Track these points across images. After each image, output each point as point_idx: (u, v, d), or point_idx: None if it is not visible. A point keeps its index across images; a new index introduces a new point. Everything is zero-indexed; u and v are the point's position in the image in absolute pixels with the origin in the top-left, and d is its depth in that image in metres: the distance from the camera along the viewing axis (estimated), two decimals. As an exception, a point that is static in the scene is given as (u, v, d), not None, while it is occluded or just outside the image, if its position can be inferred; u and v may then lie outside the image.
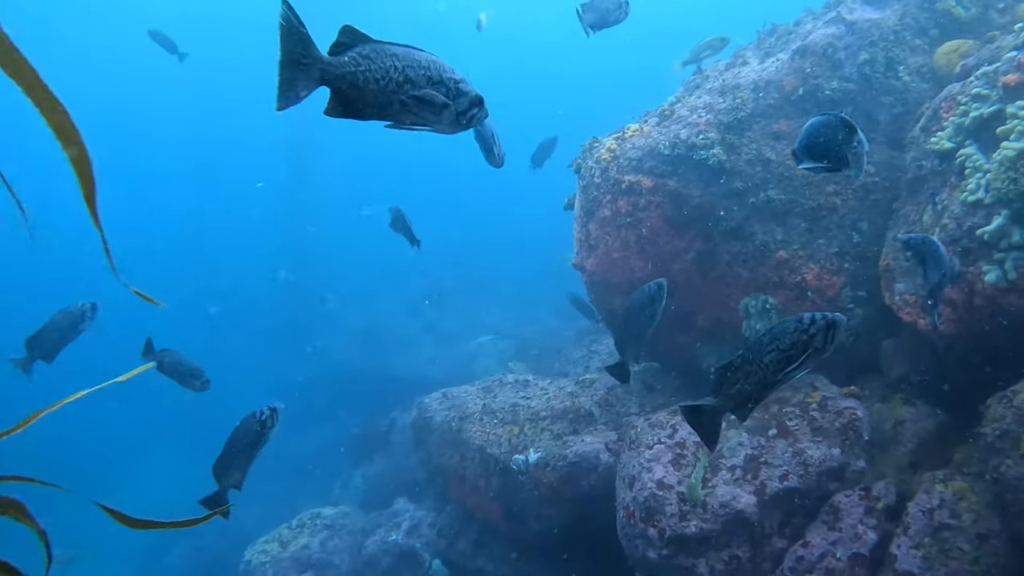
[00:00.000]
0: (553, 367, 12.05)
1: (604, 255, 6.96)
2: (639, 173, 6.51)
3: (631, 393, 7.64)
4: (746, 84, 6.61)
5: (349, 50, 2.37)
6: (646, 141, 6.57)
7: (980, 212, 5.15)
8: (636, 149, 6.60)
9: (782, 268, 6.43)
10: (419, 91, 2.45)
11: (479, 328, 16.62)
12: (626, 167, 6.60)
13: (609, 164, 6.73)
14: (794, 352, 3.32)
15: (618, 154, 6.71)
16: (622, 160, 6.65)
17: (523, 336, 14.86)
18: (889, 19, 6.74)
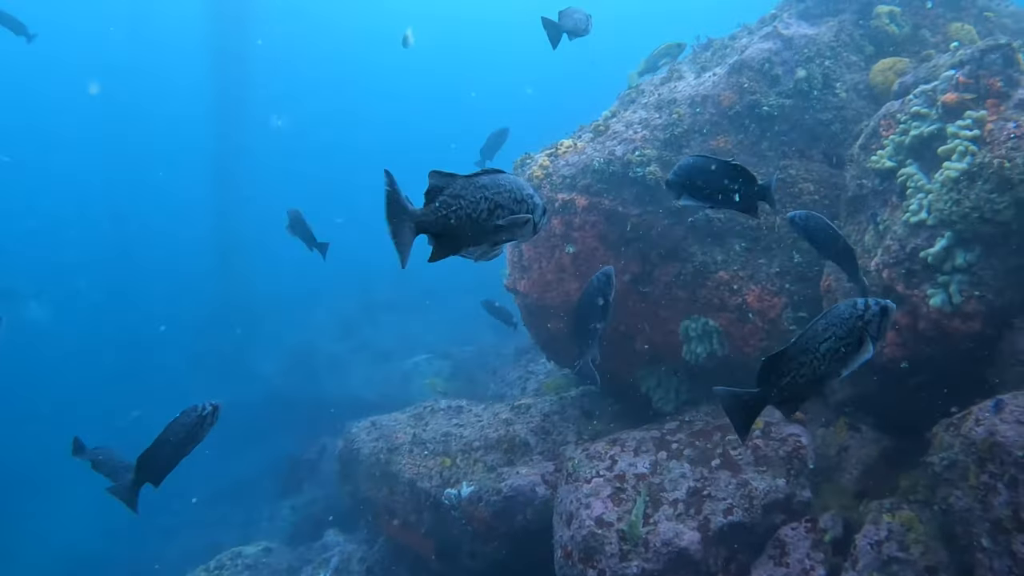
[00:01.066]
0: (489, 388, 11.70)
1: (538, 277, 6.65)
2: (573, 191, 6.23)
3: (568, 420, 7.33)
4: (683, 99, 6.39)
5: (441, 194, 2.60)
6: (580, 158, 6.29)
7: (923, 234, 4.99)
8: (570, 166, 6.32)
9: (723, 289, 6.21)
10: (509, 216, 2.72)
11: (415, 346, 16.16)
12: (559, 185, 6.31)
13: (542, 182, 6.43)
14: (850, 340, 3.08)
15: (551, 171, 6.42)
16: (555, 178, 6.36)
17: (460, 355, 14.46)
18: (825, 35, 6.61)
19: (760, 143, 6.29)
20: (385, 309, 17.86)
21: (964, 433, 4.65)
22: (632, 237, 6.13)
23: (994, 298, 4.81)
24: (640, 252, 6.19)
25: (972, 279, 4.81)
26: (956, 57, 5.30)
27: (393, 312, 17.75)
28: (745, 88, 6.33)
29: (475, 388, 12.07)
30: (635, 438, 6.28)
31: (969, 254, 4.80)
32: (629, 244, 6.16)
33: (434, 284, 18.66)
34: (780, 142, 6.32)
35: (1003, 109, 4.85)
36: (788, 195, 6.31)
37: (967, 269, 4.82)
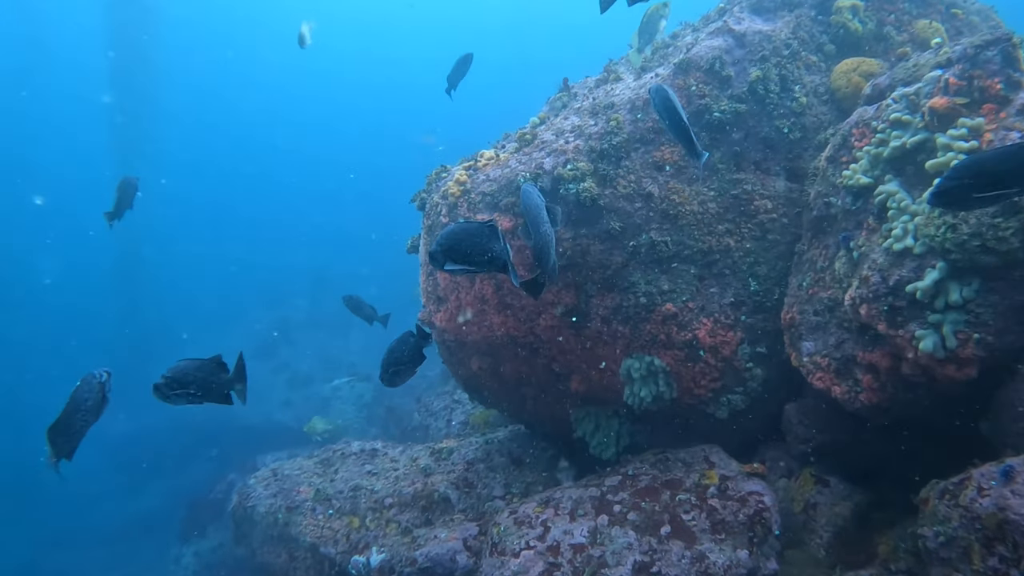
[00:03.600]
0: (413, 418, 10.66)
1: (456, 309, 5.67)
2: (494, 211, 5.26)
3: (495, 469, 6.36)
4: (621, 103, 5.50)
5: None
6: (502, 172, 5.33)
7: (909, 263, 4.17)
8: (490, 181, 5.35)
9: (669, 324, 5.33)
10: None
11: (337, 367, 15.06)
12: (478, 203, 5.34)
13: (458, 200, 5.45)
14: None
15: (469, 188, 5.45)
16: (474, 195, 5.39)
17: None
18: (781, 32, 5.79)
19: (711, 154, 5.44)
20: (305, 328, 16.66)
21: (965, 504, 3.85)
22: (564, 264, 5.20)
23: (994, 340, 4.02)
24: (574, 282, 5.26)
25: (969, 318, 4.02)
26: (942, 54, 4.51)
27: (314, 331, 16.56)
28: (693, 91, 5.47)
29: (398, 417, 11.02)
30: (571, 498, 5.36)
31: (966, 289, 4.00)
32: (561, 272, 5.23)
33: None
34: (733, 153, 5.48)
35: (1003, 116, 4.07)
36: (743, 213, 5.47)
37: (963, 307, 4.02)
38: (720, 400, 5.51)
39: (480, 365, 5.84)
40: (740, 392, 5.50)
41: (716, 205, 5.41)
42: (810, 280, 5.12)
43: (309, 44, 7.92)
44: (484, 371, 5.89)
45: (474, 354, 5.82)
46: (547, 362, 5.72)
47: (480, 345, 5.70)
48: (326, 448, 7.52)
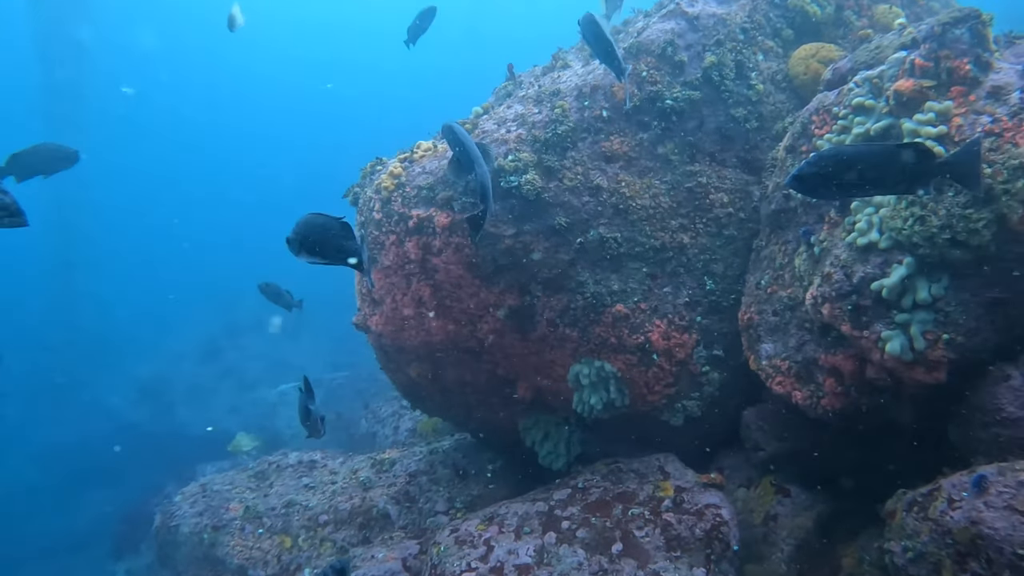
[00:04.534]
0: (360, 425, 10.20)
1: (393, 313, 5.26)
2: (431, 206, 4.86)
3: (438, 482, 5.96)
4: (568, 90, 5.13)
5: None
6: (440, 164, 4.92)
7: (874, 259, 3.86)
8: (427, 174, 4.94)
9: (620, 326, 4.97)
10: None
11: (286, 371, 14.50)
12: (414, 198, 4.93)
13: (392, 194, 5.03)
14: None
15: (404, 181, 5.03)
16: (408, 189, 4.97)
17: (332, 382, 12.86)
18: (737, 15, 5.47)
19: (663, 144, 5.10)
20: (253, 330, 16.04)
21: (935, 518, 3.56)
22: (507, 263, 4.81)
23: (965, 341, 3.73)
24: (518, 282, 4.88)
25: (939, 317, 3.72)
26: (907, 35, 4.21)
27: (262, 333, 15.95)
28: (644, 77, 5.12)
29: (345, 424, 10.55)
30: (517, 513, 4.98)
31: (935, 286, 3.70)
32: (504, 272, 4.85)
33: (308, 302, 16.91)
34: (687, 143, 5.14)
35: (973, 99, 3.77)
36: (698, 208, 5.14)
37: (932, 305, 3.72)
38: (675, 407, 5.17)
39: (420, 372, 5.44)
40: (696, 398, 5.17)
41: (669, 199, 5.07)
42: (769, 278, 4.80)
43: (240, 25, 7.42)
44: (424, 378, 5.48)
45: (413, 360, 5.41)
46: (491, 368, 5.33)
47: (419, 350, 5.29)
48: (261, 460, 7.04)
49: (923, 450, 4.41)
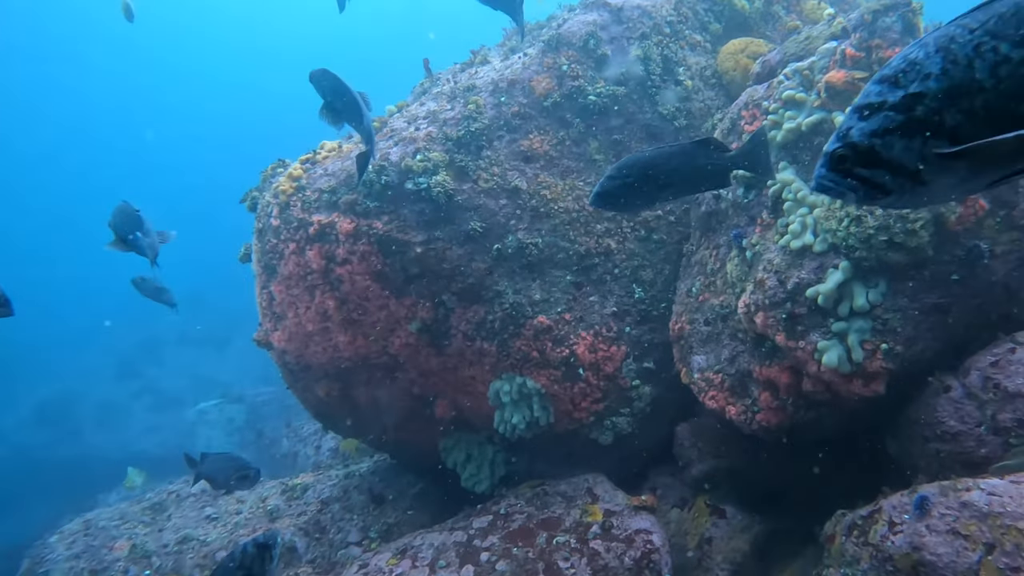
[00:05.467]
0: (282, 444, 9.66)
1: (296, 327, 4.81)
2: (333, 211, 4.43)
3: (352, 509, 5.52)
4: (483, 86, 4.77)
5: None
6: (343, 165, 4.50)
7: (808, 263, 3.58)
8: (329, 176, 4.52)
9: (543, 339, 4.62)
10: None
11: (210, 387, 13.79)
12: (314, 203, 4.49)
13: (291, 199, 4.59)
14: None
15: (304, 184, 4.60)
16: (309, 193, 4.54)
17: (256, 398, 12.23)
18: (663, 7, 5.19)
19: (586, 142, 4.77)
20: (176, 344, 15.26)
21: (875, 543, 3.31)
22: (418, 272, 4.41)
23: (904, 350, 3.47)
24: (430, 292, 4.48)
25: (877, 326, 3.46)
26: (837, 25, 3.96)
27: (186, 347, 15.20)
28: (565, 71, 4.79)
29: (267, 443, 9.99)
30: (433, 545, 4.57)
31: (873, 292, 3.44)
32: (414, 282, 4.45)
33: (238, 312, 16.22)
34: (612, 141, 4.83)
35: (908, 91, 3.53)
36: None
37: (870, 312, 3.45)
38: (604, 424, 4.84)
39: (329, 391, 5.00)
40: (626, 414, 4.84)
41: (594, 201, 4.74)
42: (700, 285, 4.51)
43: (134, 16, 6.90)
44: (334, 397, 5.04)
45: (321, 378, 4.97)
46: (407, 385, 4.93)
47: (326, 368, 4.86)
48: (161, 490, 6.45)
49: (863, 465, 4.17)
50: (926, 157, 1.46)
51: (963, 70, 1.41)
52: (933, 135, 1.44)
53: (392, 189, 4.28)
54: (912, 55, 1.48)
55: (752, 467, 4.60)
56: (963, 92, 1.41)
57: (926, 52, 1.47)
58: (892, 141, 1.49)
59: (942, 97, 1.43)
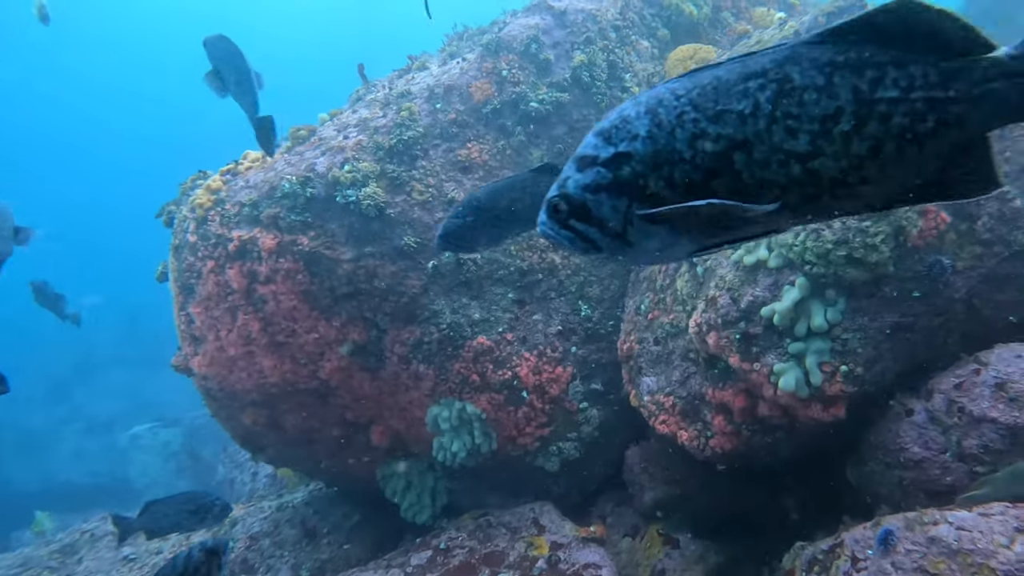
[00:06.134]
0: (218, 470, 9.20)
1: (217, 351, 4.45)
2: (254, 226, 4.09)
3: (283, 545, 5.15)
4: (419, 92, 4.48)
5: None
6: (266, 176, 4.17)
7: (763, 280, 3.36)
8: (250, 188, 4.18)
9: (483, 361, 4.33)
10: None
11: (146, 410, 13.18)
12: (234, 217, 4.15)
13: (209, 213, 4.24)
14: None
15: (223, 197, 4.25)
16: (229, 206, 4.19)
17: (193, 421, 11.68)
18: (608, 11, 4.97)
19: (528, 152, 4.50)
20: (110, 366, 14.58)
21: (838, 578, 3.07)
22: (348, 291, 4.09)
23: (864, 372, 3.26)
24: (361, 313, 4.16)
25: (836, 346, 3.24)
26: (788, 28, 3.77)
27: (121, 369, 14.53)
28: (505, 77, 4.53)
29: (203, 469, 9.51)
30: (367, 584, 4.25)
31: (831, 310, 3.22)
32: (344, 302, 4.13)
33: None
34: (556, 151, 4.57)
35: (864, 97, 3.34)
36: (570, 224, 4.57)
37: (828, 332, 3.23)
38: (550, 449, 4.57)
39: (255, 419, 4.64)
40: (573, 438, 4.58)
41: (537, 214, 4.48)
42: (649, 302, 4.26)
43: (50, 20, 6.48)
44: (261, 425, 4.68)
45: (246, 405, 4.61)
46: (340, 411, 4.60)
47: (252, 394, 4.50)
48: (73, 530, 5.95)
49: (823, 491, 3.96)
50: (630, 219, 1.42)
51: (666, 137, 1.37)
52: (637, 198, 1.41)
53: (319, 202, 3.96)
54: (626, 111, 1.43)
55: (707, 494, 4.37)
56: (665, 159, 1.37)
57: (637, 111, 1.42)
58: (601, 199, 1.44)
59: (647, 161, 1.39)
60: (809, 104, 1.30)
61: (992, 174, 1.36)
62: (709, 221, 1.38)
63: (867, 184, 1.35)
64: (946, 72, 1.29)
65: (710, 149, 1.35)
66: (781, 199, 1.34)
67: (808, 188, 1.34)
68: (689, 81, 1.39)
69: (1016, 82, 1.27)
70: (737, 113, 1.33)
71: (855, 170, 1.33)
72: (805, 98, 1.30)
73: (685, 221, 1.38)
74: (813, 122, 1.30)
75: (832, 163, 1.31)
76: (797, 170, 1.32)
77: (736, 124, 1.33)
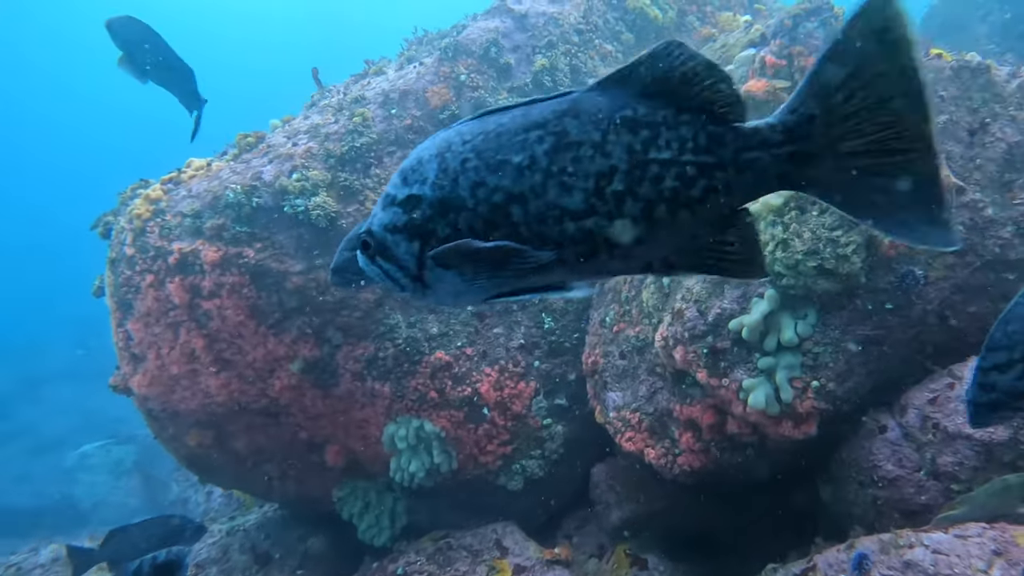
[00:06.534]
0: (172, 489, 8.87)
1: (158, 370, 4.21)
2: (197, 237, 3.86)
3: (232, 572, 4.90)
4: (373, 97, 4.30)
5: None
6: (209, 185, 3.95)
7: (731, 292, 3.22)
8: (193, 198, 3.95)
9: (442, 377, 4.14)
10: None
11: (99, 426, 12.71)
12: (176, 228, 3.92)
13: (148, 224, 4.00)
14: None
15: (164, 207, 4.02)
16: (170, 217, 3.97)
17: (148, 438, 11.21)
18: (571, 15, 4.83)
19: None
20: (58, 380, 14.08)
21: (815, 606, 2.93)
22: (297, 306, 3.88)
23: (836, 387, 3.14)
24: (312, 328, 3.96)
25: (807, 361, 3.12)
26: (755, 32, 3.65)
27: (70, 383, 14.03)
28: (463, 81, 4.36)
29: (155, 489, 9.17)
30: (322, 614, 4.03)
31: (801, 323, 3.09)
32: (294, 316, 3.92)
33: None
34: (517, 158, 4.41)
35: (833, 101, 3.23)
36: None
37: (799, 346, 3.11)
38: (512, 468, 4.39)
39: (201, 441, 4.40)
40: (537, 456, 4.40)
41: (497, 224, 4.32)
42: (614, 314, 4.11)
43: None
44: (208, 447, 4.45)
45: (191, 426, 4.37)
46: (293, 431, 4.38)
47: (197, 415, 4.26)
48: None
49: (795, 510, 3.84)
50: (423, 262, 1.41)
51: (451, 183, 1.35)
52: (429, 241, 1.39)
53: (266, 212, 3.76)
54: (422, 152, 1.41)
55: (675, 512, 4.22)
56: (451, 206, 1.35)
57: (429, 154, 1.39)
58: (398, 239, 1.42)
59: (435, 205, 1.37)
60: (584, 160, 1.27)
61: (755, 257, 1.33)
62: (493, 265, 1.35)
63: (642, 245, 1.32)
64: (714, 136, 1.27)
65: (490, 200, 1.31)
66: (558, 254, 1.31)
67: (582, 246, 1.31)
68: (478, 125, 1.34)
69: (774, 153, 1.26)
70: (515, 165, 1.30)
71: (628, 231, 1.31)
72: (581, 154, 1.28)
73: (472, 265, 1.35)
74: (587, 179, 1.28)
75: (605, 223, 1.30)
76: (571, 228, 1.29)
77: (514, 176, 1.30)
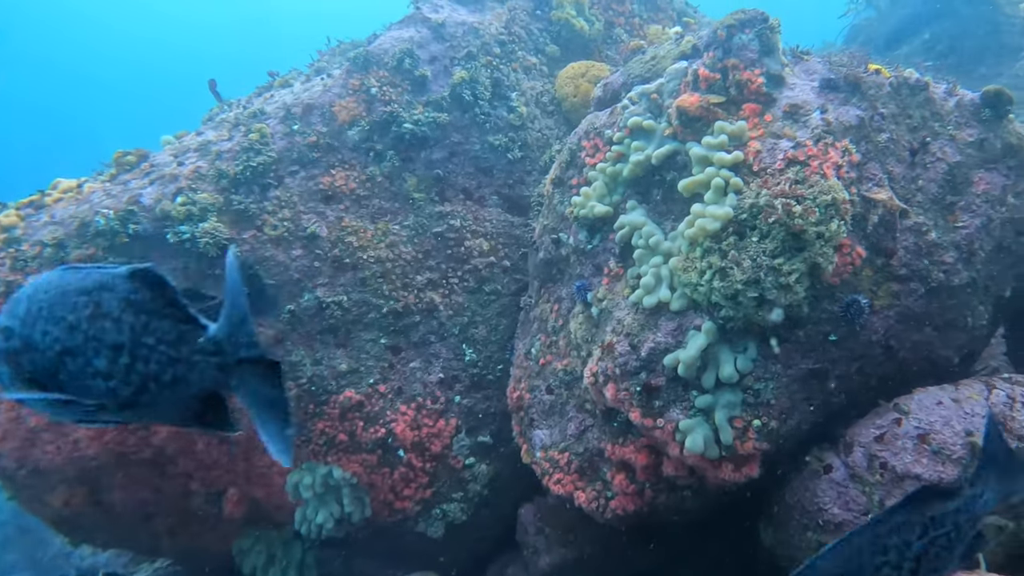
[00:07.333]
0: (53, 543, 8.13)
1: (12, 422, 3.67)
2: (62, 269, 3.42)
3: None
4: (273, 111, 3.91)
5: None
6: (76, 210, 3.50)
7: (665, 324, 2.93)
8: (56, 225, 3.49)
9: (352, 417, 3.77)
10: None
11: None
12: (33, 260, 3.44)
13: None
14: None
15: (20, 235, 3.55)
16: (26, 246, 3.49)
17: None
18: (492, 25, 4.53)
19: (403, 179, 3.99)
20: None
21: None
22: (184, 343, 3.46)
23: (779, 426, 2.88)
24: (204, 367, 3.54)
25: (747, 398, 2.85)
26: (686, 43, 3.40)
27: None
28: (375, 95, 4.01)
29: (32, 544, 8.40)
30: None
31: (741, 358, 2.83)
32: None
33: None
34: (434, 177, 4.08)
35: (769, 119, 2.97)
36: (451, 258, 4.08)
37: (739, 383, 2.83)
38: (432, 513, 4.03)
39: (69, 499, 3.89)
40: (459, 499, 4.06)
41: (413, 248, 3.97)
42: (540, 345, 3.80)
43: None
44: (79, 505, 3.94)
45: (57, 484, 3.86)
46: (183, 481, 3.93)
47: (65, 471, 3.76)
48: None
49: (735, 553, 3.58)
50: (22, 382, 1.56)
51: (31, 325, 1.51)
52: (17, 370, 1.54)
53: (144, 240, 3.34)
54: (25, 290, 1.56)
55: (609, 556, 3.92)
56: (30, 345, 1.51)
57: (26, 293, 1.55)
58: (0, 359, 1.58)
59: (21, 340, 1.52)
60: (108, 331, 1.46)
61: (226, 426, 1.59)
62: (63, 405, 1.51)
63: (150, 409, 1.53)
64: (181, 333, 1.49)
65: (52, 348, 1.48)
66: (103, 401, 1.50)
67: (112, 399, 1.50)
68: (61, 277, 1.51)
69: (208, 360, 1.48)
70: (68, 323, 1.48)
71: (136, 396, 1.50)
72: (105, 326, 1.47)
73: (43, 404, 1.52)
74: (108, 349, 1.47)
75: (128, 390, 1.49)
76: (101, 384, 1.49)
77: (66, 332, 1.48)
